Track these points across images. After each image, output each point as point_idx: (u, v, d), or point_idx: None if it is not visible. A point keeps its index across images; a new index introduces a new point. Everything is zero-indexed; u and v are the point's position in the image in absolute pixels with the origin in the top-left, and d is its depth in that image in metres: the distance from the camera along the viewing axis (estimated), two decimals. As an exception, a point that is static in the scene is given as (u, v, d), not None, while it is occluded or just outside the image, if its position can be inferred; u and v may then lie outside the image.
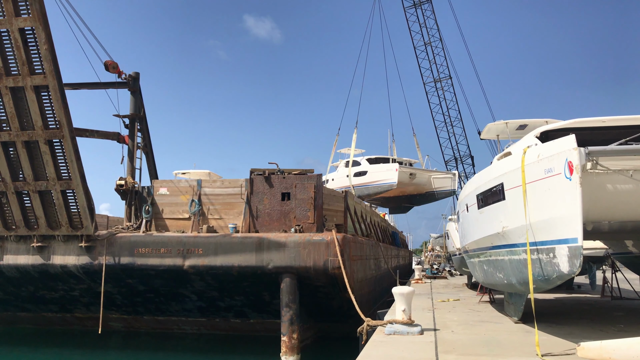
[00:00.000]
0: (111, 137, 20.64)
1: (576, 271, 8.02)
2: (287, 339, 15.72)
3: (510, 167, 9.88)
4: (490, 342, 9.43)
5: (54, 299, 19.54)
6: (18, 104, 15.71)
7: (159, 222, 19.21)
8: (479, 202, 11.91)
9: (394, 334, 10.24)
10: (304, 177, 18.02)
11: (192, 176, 37.82)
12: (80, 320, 20.46)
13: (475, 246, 13.40)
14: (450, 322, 11.98)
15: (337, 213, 20.08)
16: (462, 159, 50.66)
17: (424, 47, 49.98)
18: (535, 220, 8.85)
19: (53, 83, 15.28)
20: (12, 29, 14.77)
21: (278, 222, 17.81)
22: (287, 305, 15.94)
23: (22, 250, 17.63)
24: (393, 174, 41.20)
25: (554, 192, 8.23)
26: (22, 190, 16.69)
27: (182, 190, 19.23)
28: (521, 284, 10.33)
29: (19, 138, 15.94)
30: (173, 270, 16.71)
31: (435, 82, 50.19)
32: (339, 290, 16.46)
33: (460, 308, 14.97)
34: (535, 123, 14.78)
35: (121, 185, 19.13)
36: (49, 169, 16.25)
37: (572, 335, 9.86)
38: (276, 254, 16.07)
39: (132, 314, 19.66)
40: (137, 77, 21.13)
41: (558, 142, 8.37)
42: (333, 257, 15.69)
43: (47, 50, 14.97)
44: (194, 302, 18.37)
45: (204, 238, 16.69)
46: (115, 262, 16.98)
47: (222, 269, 16.35)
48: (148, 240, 16.92)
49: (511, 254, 10.40)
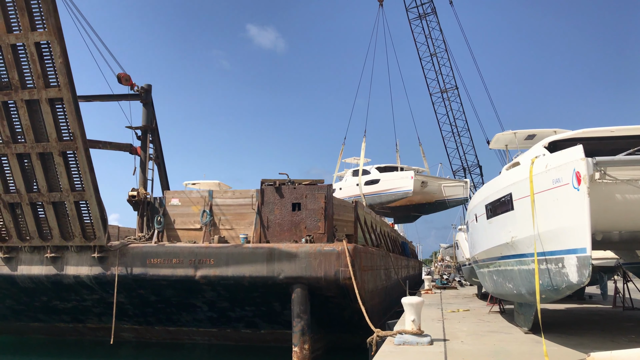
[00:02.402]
0: (124, 148, 20.90)
1: (585, 281, 8.05)
2: (299, 349, 15.76)
3: (519, 177, 9.94)
4: (499, 353, 9.46)
5: (67, 310, 19.72)
6: (33, 117, 15.99)
7: (170, 232, 19.39)
8: (488, 212, 11.96)
9: (403, 344, 10.28)
10: (315, 188, 18.13)
11: (202, 187, 38.10)
12: (92, 330, 20.61)
13: (485, 256, 13.43)
14: (459, 333, 12.00)
15: (347, 223, 20.15)
16: (470, 169, 50.58)
17: (430, 58, 50.09)
18: (544, 230, 8.90)
19: (67, 96, 15.55)
20: (28, 43, 15.08)
21: (289, 232, 17.91)
22: (299, 315, 16.00)
23: (36, 260, 17.85)
24: (408, 181, 40.71)
25: (562, 202, 8.28)
26: (36, 201, 16.93)
27: (193, 201, 19.42)
28: (531, 294, 10.35)
29: (34, 150, 16.20)
30: (185, 281, 16.84)
31: (442, 92, 50.24)
32: (350, 301, 16.49)
33: (470, 318, 14.96)
34: (543, 133, 14.82)
35: (133, 196, 19.35)
36: (63, 180, 16.49)
37: (583, 345, 9.86)
38: (287, 264, 16.16)
39: (143, 324, 19.78)
40: (149, 89, 21.41)
41: (566, 153, 8.44)
42: (344, 268, 15.75)
43: (62, 64, 15.25)
44: (205, 312, 18.47)
45: (215, 248, 16.83)
46: (128, 273, 17.14)
47: (234, 279, 16.46)
48: (160, 251, 17.08)
49: (520, 264, 10.43)
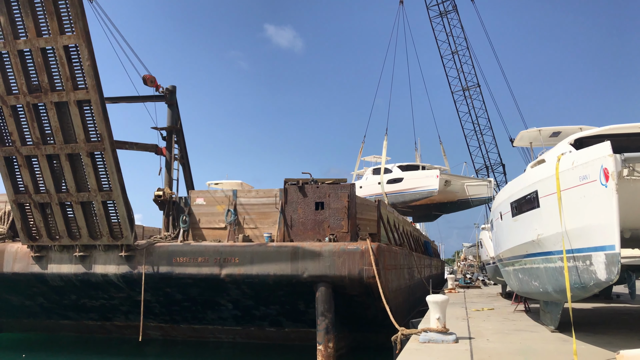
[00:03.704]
0: (149, 149, 21.21)
1: (614, 279, 7.98)
2: (323, 347, 15.85)
3: (545, 175, 9.88)
4: (526, 351, 9.42)
5: (95, 308, 20.09)
6: (62, 118, 16.35)
7: (195, 231, 19.64)
8: (513, 210, 11.90)
9: (428, 342, 10.29)
10: (338, 187, 18.21)
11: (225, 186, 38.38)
12: (119, 328, 20.97)
13: (510, 254, 13.36)
14: (485, 331, 11.96)
15: (370, 222, 20.18)
16: (493, 167, 50.00)
17: (451, 55, 49.61)
18: (571, 227, 8.84)
19: (95, 97, 15.86)
20: (57, 46, 15.42)
21: (312, 231, 18.01)
22: (323, 314, 16.09)
23: (65, 259, 18.23)
24: (434, 180, 40.14)
25: (590, 199, 8.23)
26: (65, 201, 17.30)
27: (218, 201, 19.64)
28: (557, 292, 10.28)
29: (63, 151, 16.56)
30: (210, 279, 17.05)
31: (464, 90, 49.73)
32: (374, 300, 16.53)
33: (494, 317, 14.89)
34: (568, 130, 14.68)
35: (159, 196, 19.64)
36: (91, 180, 16.82)
37: (611, 344, 9.75)
38: (311, 263, 16.27)
39: (169, 322, 20.07)
40: (173, 90, 21.70)
41: (593, 149, 8.38)
42: (368, 267, 15.80)
43: (90, 66, 15.56)
44: (230, 310, 18.67)
45: (240, 247, 17.00)
46: (154, 271, 17.42)
47: (258, 277, 16.62)
48: (186, 250, 17.32)
49: (547, 261, 10.37)
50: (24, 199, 17.43)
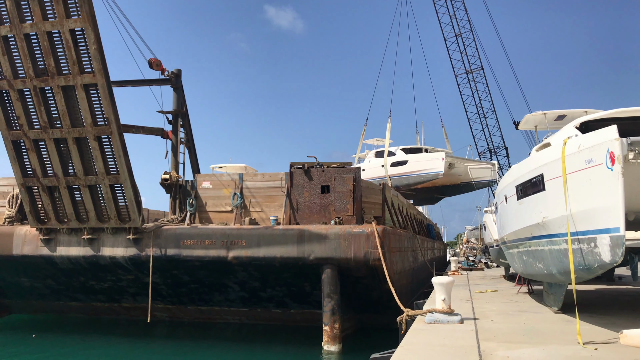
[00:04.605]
0: (156, 132, 21.32)
1: (618, 260, 8.11)
2: (329, 328, 16.10)
3: (550, 158, 9.96)
4: (530, 331, 9.58)
5: (103, 289, 20.36)
6: (69, 102, 16.43)
7: (202, 214, 19.81)
8: (519, 193, 12.01)
9: (434, 322, 10.44)
10: (343, 170, 18.32)
11: (229, 170, 38.53)
12: (127, 309, 21.26)
13: (514, 237, 13.49)
14: (489, 312, 12.12)
15: (375, 205, 20.31)
16: (497, 151, 49.97)
17: (455, 38, 49.29)
18: (576, 210, 8.95)
19: (102, 81, 15.93)
20: (64, 30, 15.46)
21: (318, 214, 18.16)
22: (329, 295, 16.32)
23: (74, 242, 18.44)
24: (439, 163, 39.99)
25: (595, 183, 8.32)
26: (73, 184, 17.45)
27: (224, 184, 19.78)
28: (562, 274, 10.42)
29: (70, 135, 16.67)
30: (217, 262, 17.26)
31: (467, 73, 49.48)
32: (379, 282, 16.74)
33: (498, 299, 15.07)
34: (574, 113, 14.70)
35: (166, 179, 19.77)
36: (98, 164, 16.95)
37: (614, 325, 9.90)
38: (317, 245, 16.45)
39: (176, 304, 20.35)
40: (179, 73, 21.73)
41: (599, 133, 8.45)
42: (373, 249, 15.98)
43: (96, 50, 15.60)
44: (237, 292, 18.91)
45: (247, 230, 17.18)
46: (162, 254, 17.63)
47: (265, 260, 16.82)
48: (193, 233, 17.50)
49: (551, 244, 10.49)
50: (32, 182, 17.59)
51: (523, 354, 7.57)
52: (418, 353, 7.74)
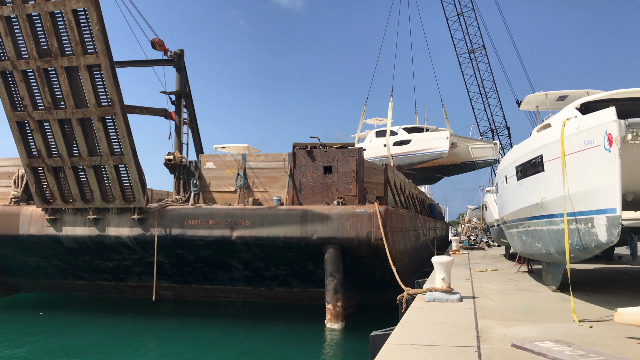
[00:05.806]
0: (159, 113, 21.39)
1: (614, 240, 8.25)
2: (332, 306, 16.37)
3: (550, 139, 10.04)
4: (528, 309, 9.76)
5: (109, 269, 20.65)
6: (72, 83, 16.52)
7: (206, 195, 20.00)
8: (518, 174, 12.12)
9: (433, 301, 10.62)
10: (346, 151, 18.43)
11: (232, 150, 38.66)
12: (132, 288, 21.58)
13: (514, 217, 13.64)
14: (488, 291, 12.30)
15: (378, 185, 20.45)
16: (498, 131, 49.86)
17: (457, 17, 48.75)
18: (575, 191, 9.06)
19: (105, 62, 15.99)
20: (66, 10, 15.48)
21: (321, 195, 18.32)
22: (332, 274, 16.56)
23: (79, 222, 18.67)
24: (443, 142, 39.72)
25: (593, 164, 8.42)
26: (77, 165, 17.62)
27: (227, 165, 19.92)
28: (559, 253, 10.58)
29: (74, 115, 16.78)
30: (221, 241, 17.48)
31: (469, 52, 49.08)
32: (381, 261, 16.95)
33: (498, 278, 15.26)
34: (575, 94, 14.72)
35: (170, 160, 19.90)
36: (103, 144, 17.09)
37: (610, 303, 10.07)
38: (320, 225, 16.65)
39: (181, 282, 20.64)
40: (181, 54, 21.72)
41: (598, 114, 8.52)
42: (375, 229, 16.17)
43: (99, 30, 15.64)
44: (241, 271, 19.18)
45: (251, 210, 17.38)
46: (167, 234, 17.86)
47: (268, 239, 17.04)
48: (197, 213, 17.71)
49: (550, 224, 10.64)
50: (37, 162, 17.76)
51: (520, 331, 7.75)
52: (417, 330, 7.93)
